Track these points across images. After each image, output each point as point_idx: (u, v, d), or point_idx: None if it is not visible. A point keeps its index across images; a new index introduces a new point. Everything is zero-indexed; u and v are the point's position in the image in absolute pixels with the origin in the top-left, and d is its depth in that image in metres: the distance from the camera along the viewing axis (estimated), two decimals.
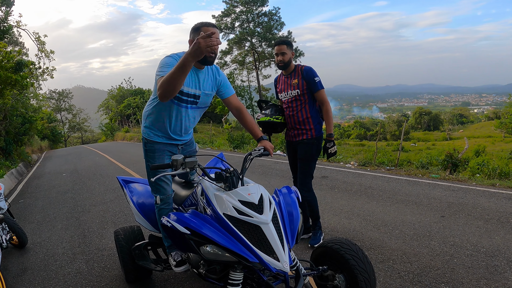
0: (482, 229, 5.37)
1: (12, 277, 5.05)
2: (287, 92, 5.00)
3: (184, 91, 3.50)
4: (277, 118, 5.01)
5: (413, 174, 9.84)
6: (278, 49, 4.90)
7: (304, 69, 4.90)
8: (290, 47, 4.93)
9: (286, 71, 5.05)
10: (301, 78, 4.88)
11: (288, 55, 4.90)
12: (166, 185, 3.79)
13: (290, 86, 4.97)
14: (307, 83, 4.84)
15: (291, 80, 4.97)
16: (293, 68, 5.01)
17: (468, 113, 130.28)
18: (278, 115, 5.04)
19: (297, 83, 4.90)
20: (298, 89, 4.89)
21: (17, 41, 35.65)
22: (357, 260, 3.07)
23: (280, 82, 5.17)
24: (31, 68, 18.69)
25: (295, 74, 4.95)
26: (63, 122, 72.97)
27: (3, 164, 16.58)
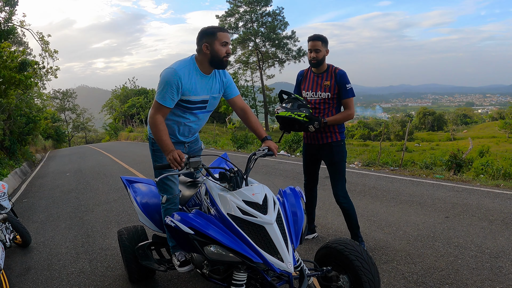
0: (487, 230, 5.34)
1: (16, 276, 5.06)
2: (316, 92, 4.64)
3: (192, 100, 3.53)
4: (299, 115, 4.45)
5: (417, 175, 9.81)
6: (312, 45, 4.50)
7: (339, 72, 4.55)
8: (325, 44, 4.54)
9: (317, 69, 4.66)
10: (334, 81, 4.55)
11: (322, 53, 4.50)
12: (173, 184, 3.80)
13: (320, 87, 4.62)
14: (338, 87, 4.55)
15: (323, 81, 4.61)
16: (326, 68, 4.64)
17: (472, 114, 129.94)
18: (301, 111, 4.48)
19: (329, 86, 4.56)
20: (329, 92, 4.57)
21: (21, 41, 35.73)
22: (361, 261, 3.06)
23: (308, 79, 4.77)
24: (35, 68, 18.71)
25: (328, 76, 4.60)
26: (67, 122, 73.13)
27: (7, 164, 16.62)
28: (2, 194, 5.53)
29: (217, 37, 3.36)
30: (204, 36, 3.41)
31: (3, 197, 5.54)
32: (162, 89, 3.36)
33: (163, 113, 3.43)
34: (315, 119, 4.48)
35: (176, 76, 3.34)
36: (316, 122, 4.46)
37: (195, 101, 3.56)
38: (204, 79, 3.54)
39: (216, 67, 3.51)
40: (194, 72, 3.46)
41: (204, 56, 3.44)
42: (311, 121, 4.47)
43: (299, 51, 54.15)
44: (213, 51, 3.38)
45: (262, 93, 54.70)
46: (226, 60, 3.46)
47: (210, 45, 3.37)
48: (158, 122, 3.37)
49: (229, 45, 3.42)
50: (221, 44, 3.37)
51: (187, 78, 3.40)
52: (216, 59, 3.41)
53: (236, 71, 55.00)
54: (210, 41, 3.38)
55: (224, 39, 3.38)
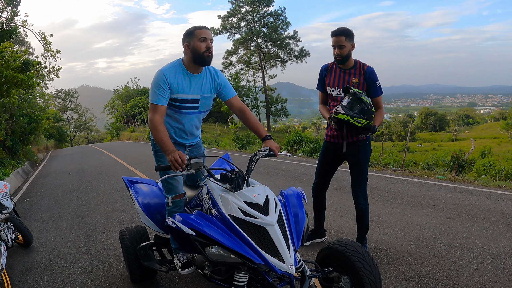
0: (488, 231, 5.34)
1: (17, 276, 5.06)
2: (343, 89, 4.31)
3: (180, 98, 3.61)
4: (359, 122, 4.13)
5: (419, 175, 9.81)
6: (335, 40, 4.24)
7: (367, 69, 4.31)
8: (350, 38, 4.24)
9: (344, 65, 4.37)
10: (363, 79, 4.32)
11: (347, 48, 4.23)
12: (176, 183, 3.80)
13: (348, 83, 4.35)
14: (368, 85, 4.32)
15: (350, 77, 4.35)
16: (353, 63, 4.37)
17: (474, 114, 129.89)
18: (362, 118, 4.13)
19: (358, 83, 4.32)
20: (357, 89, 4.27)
21: (23, 40, 35.81)
22: (363, 262, 3.06)
23: (334, 75, 4.48)
24: (37, 67, 18.74)
25: (356, 72, 4.35)
26: (69, 122, 73.23)
27: (9, 163, 16.64)
28: (4, 194, 5.53)
29: (195, 34, 3.48)
30: (184, 37, 3.58)
31: (5, 197, 5.55)
32: (153, 91, 3.50)
33: (160, 113, 3.50)
34: (371, 128, 4.21)
35: (161, 75, 3.49)
36: (370, 132, 4.25)
37: (185, 100, 3.64)
38: (193, 79, 3.63)
39: (200, 64, 3.57)
40: (181, 72, 3.59)
41: (187, 56, 3.57)
42: (368, 130, 4.22)
43: (301, 51, 54.17)
44: (193, 48, 3.49)
45: (264, 93, 54.70)
46: (207, 55, 3.51)
47: (190, 43, 3.51)
48: (157, 124, 3.44)
49: (208, 41, 3.49)
50: (200, 40, 3.46)
51: (173, 77, 3.53)
52: (197, 55, 3.49)
53: (238, 71, 55.01)
54: (189, 40, 3.52)
55: (202, 35, 3.47)
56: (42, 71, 20.95)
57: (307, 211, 3.37)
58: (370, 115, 4.15)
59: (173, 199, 3.77)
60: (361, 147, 4.49)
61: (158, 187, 4.57)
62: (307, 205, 3.75)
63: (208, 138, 28.56)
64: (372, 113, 4.17)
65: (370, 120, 4.16)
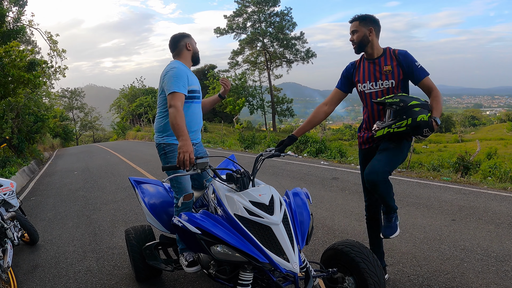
0: (493, 233, 5.33)
1: (23, 273, 5.10)
2: (376, 82, 3.75)
3: (192, 89, 3.92)
4: (400, 127, 3.42)
5: (424, 177, 9.79)
6: (350, 28, 3.79)
7: (400, 52, 3.68)
8: (366, 22, 3.70)
9: (368, 54, 3.79)
10: (397, 64, 3.66)
11: (361, 33, 3.69)
12: (185, 182, 3.84)
13: (380, 74, 3.72)
14: (404, 71, 3.65)
15: (381, 67, 3.71)
16: (382, 51, 3.76)
17: (480, 115, 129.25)
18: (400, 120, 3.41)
19: (391, 71, 3.67)
20: (392, 78, 3.67)
21: (30, 40, 35.94)
22: (367, 263, 3.06)
23: (363, 69, 3.85)
24: (43, 67, 18.82)
25: (387, 59, 3.71)
26: (75, 121, 73.45)
27: (15, 162, 16.73)
28: (10, 192, 5.57)
29: (191, 37, 4.09)
30: (183, 38, 4.06)
31: (12, 195, 5.58)
32: (179, 80, 3.71)
33: (181, 101, 3.64)
34: (424, 124, 3.37)
35: (181, 67, 3.86)
36: (426, 128, 3.38)
37: (196, 90, 4.00)
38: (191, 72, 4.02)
39: (195, 62, 4.17)
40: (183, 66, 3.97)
41: (188, 54, 4.05)
42: (419, 128, 3.39)
43: (307, 52, 54.17)
44: (194, 48, 4.09)
45: (270, 93, 54.72)
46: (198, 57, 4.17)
47: (190, 43, 4.05)
48: (180, 109, 3.56)
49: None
50: (195, 43, 4.13)
51: (185, 69, 3.90)
52: (196, 55, 4.12)
53: (244, 71, 55.06)
54: (189, 41, 4.06)
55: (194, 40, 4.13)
56: (49, 71, 21.03)
57: (312, 212, 3.38)
58: (408, 110, 3.39)
59: (184, 200, 3.79)
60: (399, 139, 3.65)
61: (164, 187, 4.59)
62: (311, 206, 3.75)
63: (213, 138, 28.60)
64: (413, 107, 3.39)
65: (414, 115, 3.36)
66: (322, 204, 7.18)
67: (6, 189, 5.53)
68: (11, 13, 15.10)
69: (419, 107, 3.39)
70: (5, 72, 15.14)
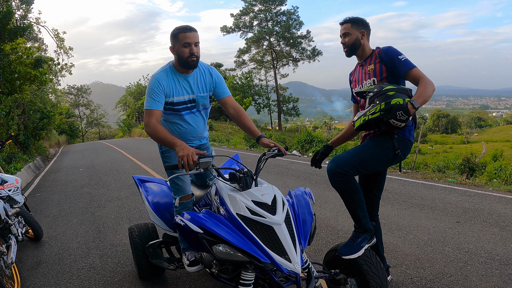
0: (497, 236, 5.30)
1: (27, 269, 5.12)
2: (362, 83, 3.70)
3: (175, 101, 3.56)
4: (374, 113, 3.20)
5: (429, 178, 9.76)
6: (341, 30, 3.72)
7: (382, 49, 3.56)
8: (358, 25, 3.62)
9: (359, 58, 3.74)
10: (379, 61, 3.55)
11: (353, 36, 3.61)
12: (183, 184, 3.77)
13: (364, 74, 3.67)
14: (387, 67, 3.49)
15: (366, 67, 3.66)
16: (370, 53, 3.67)
17: (487, 117, 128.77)
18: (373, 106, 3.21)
19: (373, 69, 3.58)
20: (374, 76, 3.57)
21: (37, 37, 36.08)
22: (370, 265, 3.06)
23: (355, 73, 3.86)
24: (50, 64, 18.89)
25: (372, 59, 3.63)
26: (81, 118, 73.73)
27: (21, 158, 16.80)
28: (15, 188, 5.59)
29: (178, 38, 3.41)
30: (170, 39, 3.50)
31: (16, 191, 5.61)
32: (147, 97, 3.45)
33: (156, 117, 3.42)
34: (397, 107, 3.08)
35: (155, 80, 3.46)
36: (399, 111, 3.06)
37: (182, 102, 3.59)
38: (185, 79, 3.57)
39: (186, 67, 3.52)
40: (172, 74, 3.53)
41: (174, 59, 3.54)
42: (392, 112, 3.09)
43: (313, 51, 54.13)
44: (177, 53, 3.45)
45: (276, 92, 54.74)
46: (191, 60, 3.43)
47: (174, 46, 3.46)
48: (154, 126, 3.37)
49: (192, 45, 3.40)
50: (183, 46, 3.38)
51: (165, 80, 3.48)
52: (181, 60, 3.45)
53: (251, 70, 55.07)
54: (174, 43, 3.46)
55: (185, 40, 3.38)
56: (55, 68, 21.11)
57: (315, 212, 3.37)
58: (381, 95, 3.21)
59: (181, 200, 3.75)
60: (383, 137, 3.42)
61: (167, 186, 4.59)
62: (315, 206, 3.75)
63: (218, 136, 28.63)
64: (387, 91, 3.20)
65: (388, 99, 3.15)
66: (326, 204, 7.17)
67: (11, 185, 5.55)
68: (18, 11, 15.17)
69: (394, 91, 3.19)
70: (11, 69, 15.21)
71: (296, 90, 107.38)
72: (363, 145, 3.44)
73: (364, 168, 3.35)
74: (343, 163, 3.28)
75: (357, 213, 3.41)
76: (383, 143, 3.37)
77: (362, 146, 3.43)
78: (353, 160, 3.30)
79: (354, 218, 3.46)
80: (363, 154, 3.36)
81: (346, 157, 3.33)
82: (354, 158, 3.32)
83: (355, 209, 3.41)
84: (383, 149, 3.37)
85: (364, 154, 3.36)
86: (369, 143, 3.43)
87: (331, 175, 3.32)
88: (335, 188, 3.39)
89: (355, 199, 3.37)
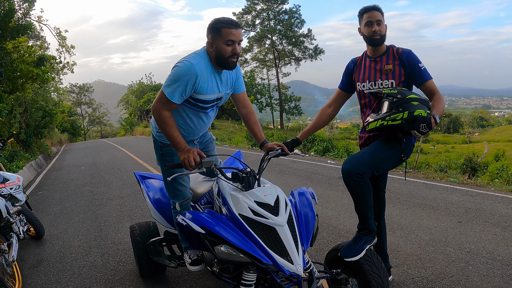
0: (499, 236, 5.29)
1: (28, 267, 5.12)
2: (376, 81, 3.53)
3: (204, 99, 3.26)
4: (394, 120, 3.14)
5: (431, 177, 9.74)
6: (371, 16, 3.42)
7: (403, 51, 3.45)
8: (383, 16, 3.46)
9: (374, 51, 3.56)
10: (399, 64, 3.44)
11: (384, 26, 3.44)
12: (183, 188, 3.68)
13: (381, 73, 3.50)
14: (406, 71, 3.42)
15: (383, 65, 3.49)
16: (385, 49, 3.54)
17: (489, 116, 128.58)
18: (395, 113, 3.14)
19: (392, 71, 3.45)
20: (393, 78, 3.45)
21: (39, 35, 36.13)
22: (371, 265, 3.05)
23: (363, 67, 3.63)
24: (52, 62, 18.90)
25: (389, 58, 3.48)
26: (83, 116, 73.75)
27: (23, 156, 16.82)
28: (17, 187, 5.59)
29: (221, 34, 3.02)
30: (209, 32, 3.11)
31: (18, 189, 5.61)
32: (174, 83, 3.05)
33: (170, 108, 3.15)
34: (421, 119, 3.06)
35: (194, 71, 3.03)
36: (423, 123, 3.05)
37: (208, 101, 3.30)
38: (219, 76, 3.28)
39: (223, 67, 3.20)
40: (211, 69, 3.19)
41: (210, 54, 3.17)
42: (415, 123, 3.08)
43: (315, 49, 54.11)
44: (216, 50, 3.08)
45: (278, 91, 54.73)
46: (232, 61, 3.12)
47: (214, 43, 3.08)
48: (166, 117, 3.11)
49: (236, 44, 3.06)
50: (225, 43, 3.03)
51: (204, 74, 3.12)
52: (220, 59, 3.11)
53: (253, 69, 55.05)
54: (214, 38, 3.07)
55: (229, 37, 3.01)
56: (57, 66, 21.13)
57: (317, 212, 3.37)
58: (405, 103, 3.14)
59: (181, 203, 3.67)
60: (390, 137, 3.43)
61: None
62: (317, 205, 3.74)
63: (221, 135, 28.60)
64: (411, 100, 3.16)
65: (411, 109, 3.10)
66: (328, 204, 7.16)
67: (12, 183, 5.55)
68: (20, 9, 15.18)
69: (418, 101, 3.15)
70: (13, 67, 15.23)
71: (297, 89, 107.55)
72: (376, 147, 3.38)
73: (377, 169, 3.33)
74: (360, 163, 3.23)
75: (366, 214, 3.38)
76: (394, 146, 3.37)
77: (376, 148, 3.37)
78: (369, 161, 3.26)
79: (362, 219, 3.42)
80: (378, 156, 3.33)
81: (363, 157, 3.28)
82: (370, 159, 3.28)
83: (365, 210, 3.37)
84: (393, 152, 3.37)
85: (379, 155, 3.33)
86: (381, 145, 3.38)
87: (348, 175, 3.24)
88: (350, 189, 3.33)
89: (367, 200, 3.33)
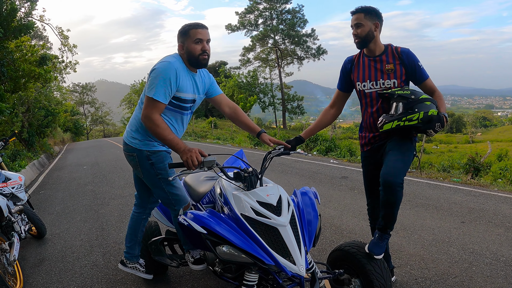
0: (503, 237, 5.26)
1: (30, 267, 5.11)
2: (377, 81, 3.53)
3: (184, 98, 3.35)
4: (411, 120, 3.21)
5: (434, 177, 9.71)
6: (352, 20, 3.49)
7: (402, 50, 3.46)
8: (371, 16, 3.44)
9: (369, 51, 3.55)
10: (400, 63, 3.46)
11: (366, 27, 3.42)
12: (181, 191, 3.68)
13: (382, 72, 3.49)
14: (407, 70, 3.45)
15: (383, 65, 3.49)
16: (383, 48, 3.54)
17: (492, 116, 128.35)
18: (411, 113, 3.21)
19: (394, 70, 3.46)
20: (395, 78, 3.46)
21: (41, 35, 36.18)
22: (374, 265, 3.03)
23: (362, 66, 3.62)
24: (54, 61, 18.91)
25: (389, 57, 3.49)
26: (85, 115, 73.90)
27: (25, 155, 16.84)
28: (18, 186, 5.59)
29: (189, 34, 3.23)
30: (179, 37, 3.32)
31: (20, 189, 5.60)
32: (157, 84, 3.13)
33: (159, 111, 3.18)
34: (436, 118, 3.20)
35: (173, 69, 3.17)
36: (438, 123, 3.21)
37: (185, 100, 3.38)
38: (193, 78, 3.41)
39: (195, 66, 3.36)
40: (186, 69, 3.34)
41: (182, 57, 3.34)
42: (431, 123, 3.21)
43: (318, 49, 54.12)
44: (187, 50, 3.26)
45: (280, 91, 54.76)
46: (203, 58, 3.28)
47: (184, 44, 3.28)
48: (159, 121, 3.12)
49: (205, 42, 3.25)
50: (194, 42, 3.22)
51: (182, 74, 3.25)
52: (191, 58, 3.28)
53: (256, 68, 55.08)
54: (184, 40, 3.28)
55: (197, 36, 3.22)
56: (60, 65, 21.15)
57: (320, 211, 3.34)
58: (420, 103, 3.22)
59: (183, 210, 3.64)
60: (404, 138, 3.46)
61: None
62: (320, 205, 3.72)
63: (223, 134, 28.62)
64: (423, 100, 3.24)
65: (426, 109, 3.19)
66: (330, 203, 7.14)
67: (14, 182, 5.55)
68: (22, 9, 15.19)
69: (430, 101, 3.24)
70: (16, 67, 15.24)
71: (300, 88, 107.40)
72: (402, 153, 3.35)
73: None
74: (400, 173, 3.18)
75: (396, 215, 3.28)
76: (410, 147, 3.44)
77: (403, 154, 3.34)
78: (405, 168, 3.26)
79: (392, 220, 3.29)
80: (408, 160, 3.35)
81: (398, 166, 3.22)
82: (405, 166, 3.27)
83: (396, 213, 3.27)
84: (411, 152, 3.44)
85: (408, 159, 3.36)
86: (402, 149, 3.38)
87: (394, 187, 3.14)
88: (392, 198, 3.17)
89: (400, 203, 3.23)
